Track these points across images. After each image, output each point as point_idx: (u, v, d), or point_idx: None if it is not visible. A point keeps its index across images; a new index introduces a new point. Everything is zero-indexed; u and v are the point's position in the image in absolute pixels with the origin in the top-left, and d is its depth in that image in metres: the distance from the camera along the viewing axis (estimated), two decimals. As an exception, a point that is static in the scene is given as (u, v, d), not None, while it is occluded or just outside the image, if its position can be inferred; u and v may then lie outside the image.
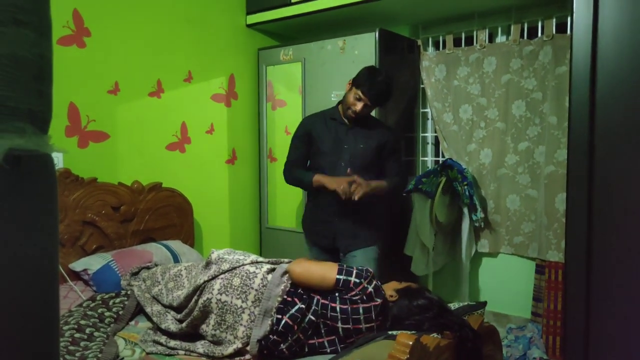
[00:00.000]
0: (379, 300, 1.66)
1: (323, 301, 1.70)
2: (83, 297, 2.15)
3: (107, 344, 1.77)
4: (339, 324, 1.66)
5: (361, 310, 1.64)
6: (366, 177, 2.22)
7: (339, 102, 2.40)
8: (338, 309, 1.66)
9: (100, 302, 2.03)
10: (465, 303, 1.95)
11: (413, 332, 1.53)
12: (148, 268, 2.26)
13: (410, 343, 1.33)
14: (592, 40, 2.15)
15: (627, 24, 2.07)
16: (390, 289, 1.76)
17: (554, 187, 2.82)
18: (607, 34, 2.13)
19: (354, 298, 1.65)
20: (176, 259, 2.50)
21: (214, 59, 3.25)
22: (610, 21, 2.11)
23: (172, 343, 1.81)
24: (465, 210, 3.02)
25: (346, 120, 2.35)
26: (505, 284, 3.16)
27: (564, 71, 2.69)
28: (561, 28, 2.78)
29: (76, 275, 2.33)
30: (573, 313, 2.28)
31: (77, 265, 2.31)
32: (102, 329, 1.87)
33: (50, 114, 0.75)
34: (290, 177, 2.42)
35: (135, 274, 2.23)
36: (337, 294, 1.68)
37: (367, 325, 1.65)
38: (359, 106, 2.22)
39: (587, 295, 2.22)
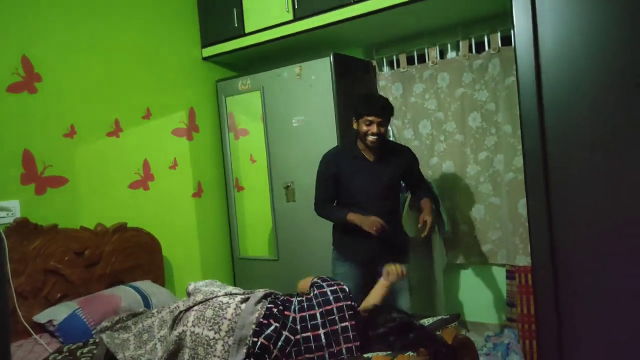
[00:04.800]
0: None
1: (301, 314, 1.73)
2: (49, 350, 2.06)
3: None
4: (320, 330, 1.69)
5: (335, 310, 1.72)
6: (395, 204, 2.45)
7: (356, 138, 2.45)
8: (318, 314, 1.71)
9: (67, 354, 1.94)
10: (439, 317, 1.96)
11: (388, 353, 1.52)
12: (120, 321, 2.16)
13: (385, 364, 1.33)
14: (534, 51, 2.25)
15: (564, 33, 2.17)
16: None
17: (516, 194, 2.89)
18: (547, 43, 2.23)
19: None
20: (146, 301, 2.44)
21: (172, 94, 3.24)
22: (549, 32, 2.21)
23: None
24: (434, 224, 3.06)
25: (369, 156, 2.41)
26: (479, 293, 3.20)
27: (513, 81, 2.79)
28: (506, 41, 2.90)
29: (41, 328, 2.23)
30: (544, 316, 2.32)
31: (42, 317, 2.22)
32: (70, 382, 1.79)
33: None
34: (324, 212, 2.50)
35: (107, 328, 2.13)
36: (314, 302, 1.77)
37: (343, 324, 1.69)
38: (374, 128, 2.30)
39: (556, 296, 2.26)
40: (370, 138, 2.31)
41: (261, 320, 1.72)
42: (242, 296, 1.84)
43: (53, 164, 2.54)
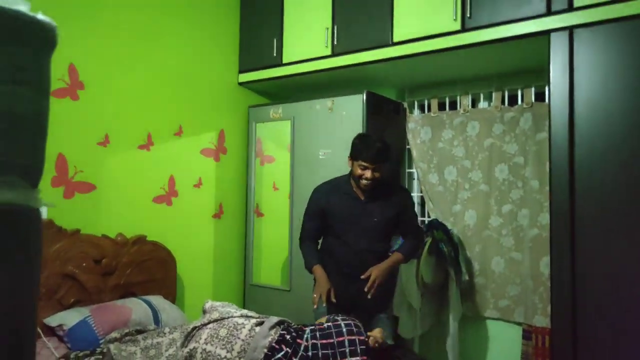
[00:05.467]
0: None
1: (313, 341, 1.74)
2: (56, 355, 2.06)
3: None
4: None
5: (347, 342, 1.72)
6: (384, 246, 2.35)
7: (350, 176, 2.41)
8: (329, 344, 1.73)
9: (73, 360, 1.94)
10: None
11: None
12: (129, 334, 2.16)
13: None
14: (569, 109, 2.27)
15: (600, 93, 2.18)
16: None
17: (539, 251, 2.84)
18: (582, 102, 2.24)
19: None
20: (156, 316, 2.43)
21: (205, 115, 3.32)
22: (585, 91, 2.23)
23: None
24: (452, 271, 3.01)
25: (360, 195, 2.36)
26: (492, 349, 3.10)
27: (544, 137, 2.79)
28: (540, 97, 2.92)
29: (50, 331, 2.24)
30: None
31: (53, 320, 2.22)
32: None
33: (42, 169, 0.76)
34: (301, 249, 2.48)
35: (116, 340, 2.13)
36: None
37: (353, 358, 1.69)
38: (368, 174, 2.25)
39: (574, 362, 2.19)
40: (364, 182, 2.26)
41: (273, 345, 1.72)
42: (258, 319, 1.84)
43: (84, 169, 2.60)
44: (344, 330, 1.78)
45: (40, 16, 0.77)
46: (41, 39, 0.77)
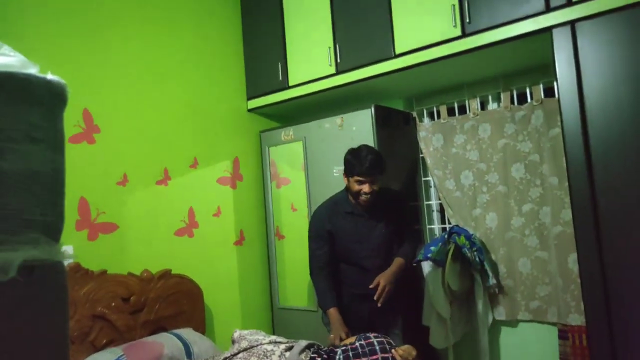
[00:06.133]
0: None
1: None
2: (93, 396, 2.08)
3: None
4: None
5: None
6: (389, 259, 2.30)
7: (347, 192, 2.38)
8: None
9: (110, 400, 1.96)
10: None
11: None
12: None
13: None
14: (579, 101, 2.25)
15: (610, 82, 2.16)
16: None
17: (565, 248, 2.79)
18: (592, 93, 2.22)
19: None
20: (188, 349, 2.45)
21: (218, 144, 3.37)
22: (594, 82, 2.21)
23: None
24: (478, 276, 2.98)
25: (361, 210, 2.34)
26: (529, 353, 3.03)
27: (557, 133, 2.76)
28: (549, 92, 2.89)
29: (86, 373, 2.27)
30: (602, 380, 2.17)
31: (87, 363, 2.26)
32: None
33: (62, 223, 0.79)
34: (315, 284, 2.39)
35: None
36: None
37: None
38: (366, 188, 2.22)
39: (614, 359, 2.13)
40: (363, 197, 2.23)
41: None
42: (287, 345, 1.84)
43: (106, 210, 2.66)
44: (377, 348, 1.77)
45: (50, 76, 0.80)
46: (52, 97, 0.81)
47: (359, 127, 3.05)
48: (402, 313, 2.41)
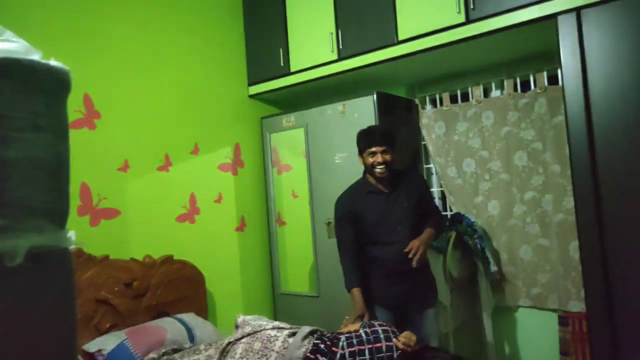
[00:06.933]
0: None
1: (350, 349, 1.75)
2: (97, 380, 2.11)
3: None
4: None
5: (384, 348, 1.74)
6: (419, 232, 2.32)
7: (365, 173, 2.45)
8: (367, 350, 1.74)
9: (114, 384, 1.99)
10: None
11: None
12: (166, 354, 2.21)
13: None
14: (583, 89, 2.23)
15: (614, 69, 2.14)
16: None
17: (566, 235, 2.79)
18: (596, 81, 2.20)
19: None
20: (190, 333, 2.47)
21: (219, 130, 3.36)
22: (598, 69, 2.19)
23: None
24: (479, 263, 2.99)
25: (382, 188, 2.38)
26: (529, 338, 3.06)
27: (561, 121, 2.74)
28: (553, 80, 2.87)
29: (90, 357, 2.29)
30: (601, 366, 2.19)
31: (92, 346, 2.28)
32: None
33: (67, 210, 0.79)
34: (342, 264, 2.42)
35: None
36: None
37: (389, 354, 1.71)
38: (379, 158, 2.29)
39: (614, 346, 2.15)
40: (378, 169, 2.29)
41: (308, 354, 1.73)
42: (290, 330, 1.86)
43: (107, 196, 2.66)
44: (382, 336, 1.78)
45: (53, 62, 0.79)
46: (56, 84, 0.80)
47: (361, 114, 3.04)
48: (435, 292, 2.45)
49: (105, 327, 2.43)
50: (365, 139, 2.34)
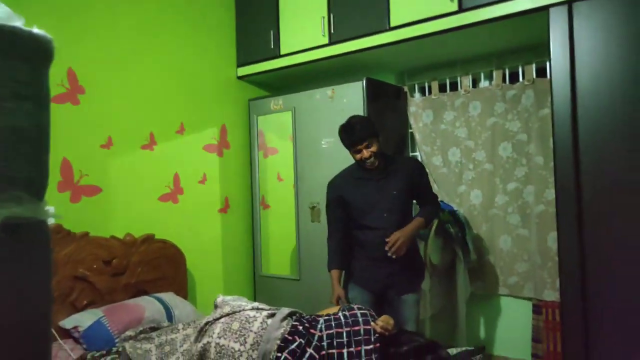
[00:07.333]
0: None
1: (327, 332, 1.76)
2: (73, 356, 2.10)
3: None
4: (344, 349, 1.73)
5: (362, 332, 1.75)
6: (406, 219, 2.32)
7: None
8: (344, 333, 1.75)
9: (91, 361, 1.98)
10: (464, 348, 1.93)
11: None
12: (143, 332, 2.19)
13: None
14: (570, 83, 2.25)
15: (602, 65, 2.16)
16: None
17: (545, 227, 2.84)
18: (584, 75, 2.22)
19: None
20: (169, 312, 2.47)
21: (205, 111, 3.32)
22: (586, 64, 2.21)
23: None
24: (459, 252, 3.03)
25: (371, 175, 2.38)
26: (503, 326, 3.13)
27: (547, 113, 2.77)
28: (541, 73, 2.89)
29: (66, 333, 2.27)
30: (572, 354, 2.25)
31: (68, 323, 2.26)
32: (93, 390, 1.82)
33: (46, 181, 0.77)
34: (327, 244, 2.47)
35: (131, 338, 2.16)
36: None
37: (367, 347, 1.71)
38: (365, 153, 2.27)
39: (585, 335, 2.21)
40: (368, 163, 2.29)
41: (286, 336, 1.74)
42: (269, 312, 1.86)
43: (89, 173, 2.62)
44: (360, 320, 1.80)
45: (35, 30, 0.77)
46: (38, 52, 0.78)
47: (349, 100, 3.02)
48: (420, 278, 2.46)
49: (83, 304, 2.41)
50: (347, 138, 2.31)
